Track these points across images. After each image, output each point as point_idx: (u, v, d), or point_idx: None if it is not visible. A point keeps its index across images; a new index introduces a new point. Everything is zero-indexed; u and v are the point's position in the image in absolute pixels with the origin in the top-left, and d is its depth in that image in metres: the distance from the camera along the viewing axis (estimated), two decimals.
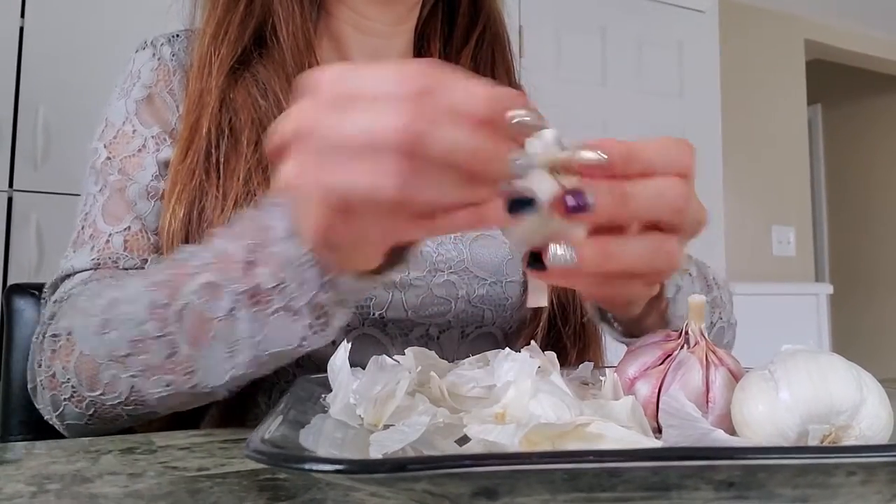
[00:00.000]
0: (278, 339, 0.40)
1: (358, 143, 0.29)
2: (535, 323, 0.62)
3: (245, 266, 0.39)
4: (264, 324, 0.39)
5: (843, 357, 0.31)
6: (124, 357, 0.44)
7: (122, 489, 0.32)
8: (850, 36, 3.53)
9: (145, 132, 0.60)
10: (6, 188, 1.67)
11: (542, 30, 2.62)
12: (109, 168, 0.59)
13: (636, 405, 0.33)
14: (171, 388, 0.44)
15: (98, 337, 0.45)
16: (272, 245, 0.38)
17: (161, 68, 0.62)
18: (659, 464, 0.23)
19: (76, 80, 1.69)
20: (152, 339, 0.42)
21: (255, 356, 0.41)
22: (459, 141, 0.29)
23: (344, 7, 0.67)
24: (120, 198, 0.58)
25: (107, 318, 0.45)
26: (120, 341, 0.44)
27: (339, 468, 0.23)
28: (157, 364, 0.43)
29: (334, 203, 0.32)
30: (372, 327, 0.58)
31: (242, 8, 0.61)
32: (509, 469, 0.23)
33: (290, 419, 0.31)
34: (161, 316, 0.42)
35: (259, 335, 0.40)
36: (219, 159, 0.56)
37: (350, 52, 0.68)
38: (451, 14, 0.72)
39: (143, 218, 0.58)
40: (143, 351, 0.43)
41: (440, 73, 0.30)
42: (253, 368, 0.42)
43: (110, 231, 0.57)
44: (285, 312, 0.38)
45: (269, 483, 0.33)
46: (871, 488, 0.24)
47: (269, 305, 0.39)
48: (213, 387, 0.43)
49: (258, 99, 0.58)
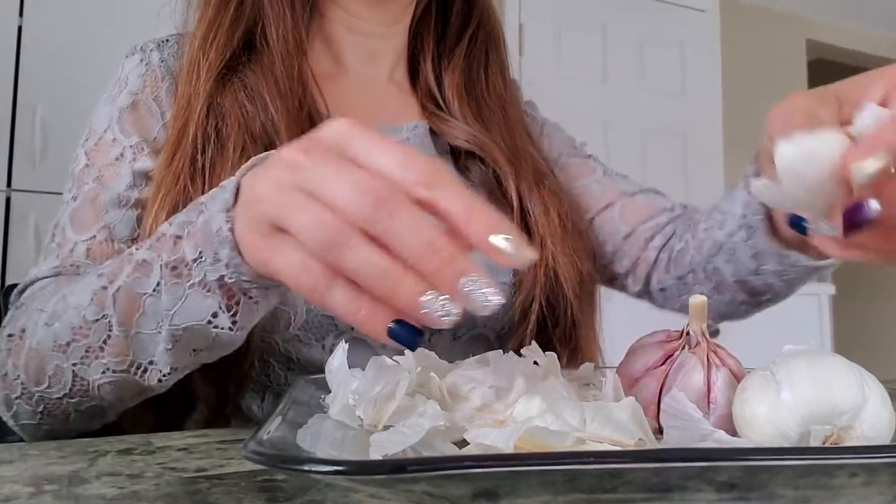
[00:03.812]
0: (191, 313, 0.40)
1: (325, 199, 0.30)
2: (525, 324, 0.61)
3: (174, 240, 0.40)
4: (181, 297, 0.39)
5: (845, 358, 0.31)
6: (66, 345, 0.44)
7: (120, 490, 0.32)
8: (851, 35, 3.53)
9: (124, 141, 0.59)
10: (4, 188, 1.67)
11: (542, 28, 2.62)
12: (86, 176, 0.59)
13: (636, 407, 0.32)
14: (109, 375, 0.44)
15: (45, 329, 0.45)
16: (199, 218, 0.38)
17: (149, 74, 0.62)
18: (660, 465, 0.22)
19: (74, 80, 1.69)
20: (91, 323, 0.43)
21: (170, 330, 0.41)
22: (416, 237, 0.29)
23: (337, 8, 0.67)
24: (91, 206, 0.58)
25: (54, 311, 0.46)
26: (63, 330, 0.44)
27: (338, 469, 0.23)
28: (96, 347, 0.43)
29: (271, 225, 0.32)
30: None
31: (232, 11, 0.61)
32: (509, 470, 0.22)
33: (288, 420, 0.31)
34: (99, 300, 0.43)
35: (174, 307, 0.40)
36: (204, 164, 0.55)
37: (343, 54, 0.68)
38: (444, 12, 0.72)
39: (111, 227, 0.57)
40: (82, 336, 0.43)
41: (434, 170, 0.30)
42: (172, 345, 0.41)
43: (76, 240, 0.57)
44: (200, 286, 0.39)
45: (268, 484, 0.33)
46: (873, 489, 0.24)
47: (187, 278, 0.39)
48: (146, 369, 0.43)
49: (245, 104, 0.58)
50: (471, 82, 0.70)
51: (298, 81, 0.60)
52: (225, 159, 0.55)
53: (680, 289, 0.69)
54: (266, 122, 0.57)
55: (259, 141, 0.56)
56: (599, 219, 0.73)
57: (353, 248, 0.29)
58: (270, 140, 0.56)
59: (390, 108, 0.69)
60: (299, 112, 0.59)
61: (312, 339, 0.57)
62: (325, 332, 0.57)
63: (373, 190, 0.29)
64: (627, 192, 0.73)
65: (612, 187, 0.74)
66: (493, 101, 0.70)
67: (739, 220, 0.57)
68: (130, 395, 0.46)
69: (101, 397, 0.45)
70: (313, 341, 0.57)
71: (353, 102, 0.66)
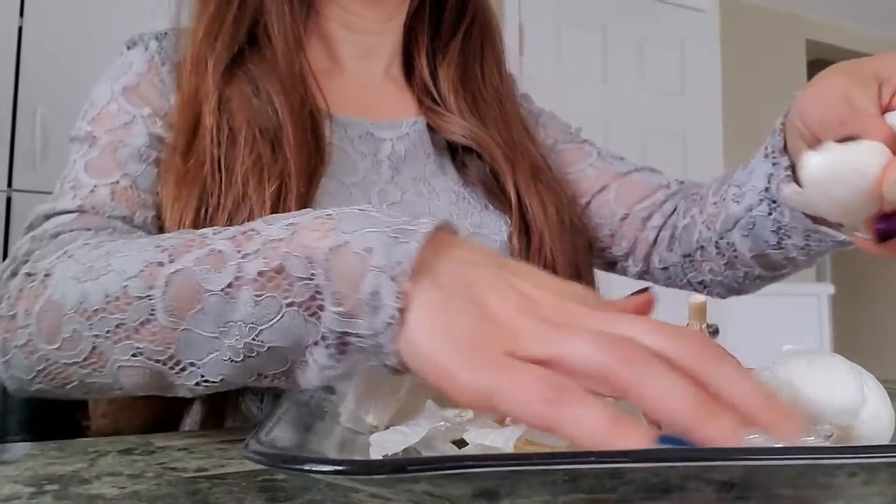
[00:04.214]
0: (286, 334, 0.33)
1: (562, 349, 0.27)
2: None
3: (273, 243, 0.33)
4: (272, 311, 0.33)
5: (845, 358, 0.31)
6: (94, 313, 0.38)
7: (121, 490, 0.32)
8: (851, 35, 3.53)
9: (134, 111, 0.58)
10: (5, 188, 1.67)
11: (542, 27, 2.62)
12: (96, 132, 0.57)
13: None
14: (140, 360, 0.37)
15: (74, 283, 0.39)
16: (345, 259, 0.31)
17: (152, 61, 0.62)
18: (660, 465, 0.23)
19: (75, 80, 1.68)
20: (133, 298, 0.36)
21: (248, 344, 0.34)
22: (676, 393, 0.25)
23: (333, 6, 0.67)
24: (109, 157, 0.56)
25: (91, 266, 0.39)
26: (95, 293, 0.38)
27: (338, 469, 0.23)
28: (131, 327, 0.37)
29: (508, 352, 0.27)
30: None
31: (236, 7, 0.61)
32: (510, 470, 0.22)
33: (289, 420, 0.31)
34: (151, 274, 0.36)
35: (263, 324, 0.33)
36: (220, 159, 0.55)
37: (339, 50, 0.68)
38: (438, 8, 0.72)
39: (134, 177, 0.55)
40: (117, 310, 0.37)
41: (714, 351, 0.27)
42: (242, 359, 0.35)
43: (95, 183, 0.54)
44: (301, 309, 0.32)
45: (268, 484, 0.33)
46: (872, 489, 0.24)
47: (283, 293, 0.33)
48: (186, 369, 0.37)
49: (251, 98, 0.58)
50: (466, 77, 0.70)
51: (299, 78, 0.61)
52: (236, 154, 0.55)
53: (686, 267, 0.68)
54: (272, 117, 0.57)
55: (265, 136, 0.56)
56: (595, 202, 0.72)
57: (574, 409, 0.25)
58: (276, 136, 0.56)
59: (387, 105, 0.69)
60: (302, 108, 0.59)
61: None
62: None
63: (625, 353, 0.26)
64: (622, 172, 0.73)
65: (606, 169, 0.73)
66: (489, 95, 0.70)
67: (761, 194, 0.55)
68: (152, 387, 0.39)
69: (117, 379, 0.39)
70: None
71: (351, 99, 0.66)
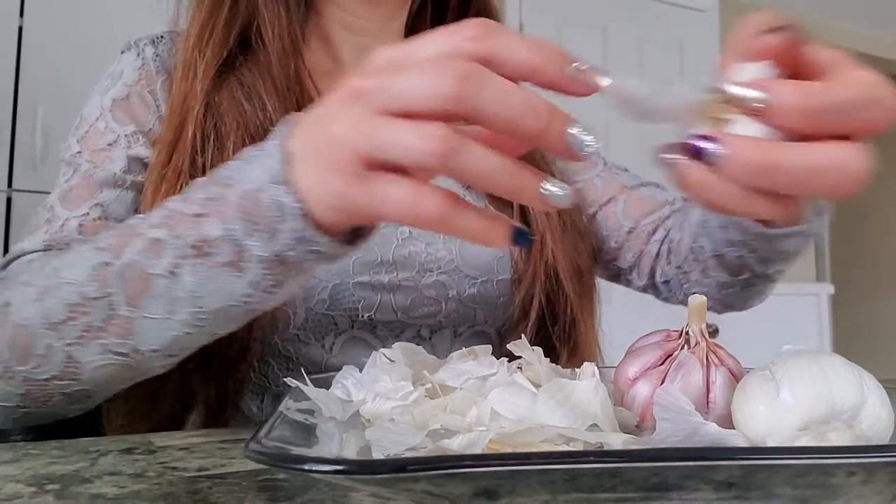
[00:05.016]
0: (220, 294, 0.37)
1: (406, 103, 0.28)
2: (525, 322, 0.61)
3: (194, 218, 0.37)
4: (207, 277, 0.37)
5: (844, 357, 0.31)
6: (61, 324, 0.41)
7: (122, 489, 0.32)
8: (851, 36, 3.53)
9: (119, 129, 0.59)
10: (5, 188, 1.67)
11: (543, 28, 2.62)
12: (78, 159, 0.58)
13: (600, 385, 0.32)
14: (106, 357, 0.41)
15: (35, 304, 0.42)
16: (231, 195, 0.35)
17: (144, 69, 0.62)
18: (659, 464, 0.23)
19: (75, 81, 1.68)
20: (91, 300, 0.40)
21: (194, 313, 0.38)
22: (513, 100, 0.28)
23: (333, 6, 0.67)
24: (84, 185, 0.57)
25: (46, 285, 0.43)
26: (58, 307, 0.41)
27: (338, 469, 0.23)
28: (96, 327, 0.40)
29: (364, 161, 0.30)
30: (361, 330, 0.58)
31: (227, 9, 0.60)
32: (509, 469, 0.23)
33: (289, 420, 0.31)
34: (101, 276, 0.40)
35: (201, 290, 0.37)
36: (205, 164, 0.55)
37: (340, 52, 0.68)
38: (440, 8, 0.72)
39: (105, 206, 0.56)
40: (81, 314, 0.40)
41: (489, 27, 0.29)
42: (192, 330, 0.39)
43: (67, 216, 0.56)
44: (229, 266, 0.36)
45: (269, 483, 0.33)
46: (871, 489, 0.24)
47: (212, 258, 0.36)
48: (150, 352, 0.41)
49: (243, 102, 0.58)
50: None
51: (295, 80, 0.60)
52: (224, 158, 0.55)
53: (680, 279, 0.69)
54: (264, 121, 0.57)
55: (257, 140, 0.56)
56: (602, 213, 0.73)
57: (467, 152, 0.28)
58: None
59: None
60: (297, 111, 0.58)
61: (312, 338, 0.57)
62: (324, 331, 0.57)
63: (448, 70, 0.27)
64: (629, 185, 0.73)
65: (613, 181, 0.74)
66: None
67: None
68: (126, 378, 0.44)
69: (93, 380, 0.43)
70: (313, 341, 0.57)
71: None
